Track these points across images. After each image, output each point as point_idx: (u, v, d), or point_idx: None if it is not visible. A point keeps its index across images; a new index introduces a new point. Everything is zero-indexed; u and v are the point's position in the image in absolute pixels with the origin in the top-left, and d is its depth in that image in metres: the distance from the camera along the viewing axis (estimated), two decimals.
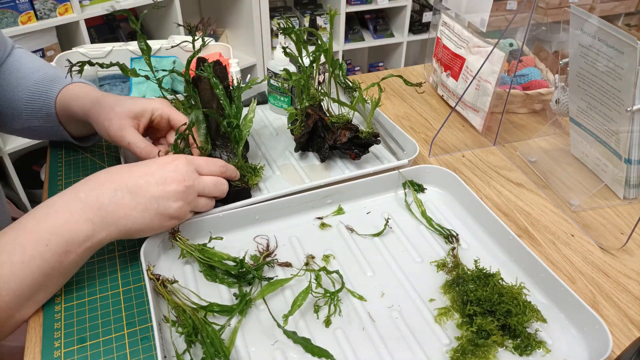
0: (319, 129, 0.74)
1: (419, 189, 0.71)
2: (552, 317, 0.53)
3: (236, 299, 0.53)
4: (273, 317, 0.51)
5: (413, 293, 0.56)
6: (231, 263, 0.56)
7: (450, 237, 0.63)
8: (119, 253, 0.61)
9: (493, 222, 0.62)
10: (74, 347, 0.50)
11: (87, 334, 0.51)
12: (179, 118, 0.65)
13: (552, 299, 0.55)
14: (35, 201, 1.75)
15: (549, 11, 0.92)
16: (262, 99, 0.92)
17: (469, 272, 0.57)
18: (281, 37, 0.81)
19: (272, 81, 0.84)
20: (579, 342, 0.51)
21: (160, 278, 0.52)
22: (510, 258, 0.60)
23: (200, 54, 1.15)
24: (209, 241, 0.58)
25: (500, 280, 0.54)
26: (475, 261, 0.59)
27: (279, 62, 0.82)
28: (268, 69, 0.85)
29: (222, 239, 0.59)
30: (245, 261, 0.56)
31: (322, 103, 0.75)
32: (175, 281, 0.52)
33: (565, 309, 0.53)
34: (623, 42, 0.59)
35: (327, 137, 0.73)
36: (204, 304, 0.52)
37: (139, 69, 0.68)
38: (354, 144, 0.73)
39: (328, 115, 0.74)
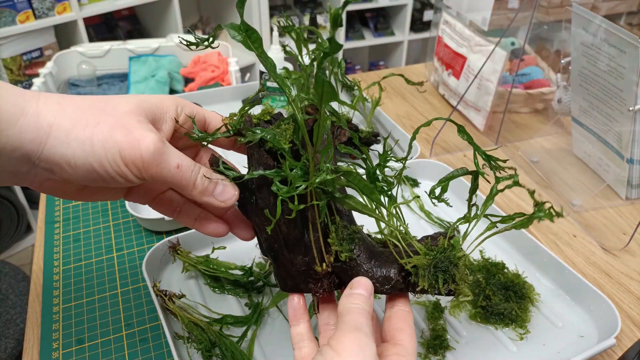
0: None
1: (414, 183, 0.71)
2: (559, 300, 0.54)
3: (249, 308, 0.52)
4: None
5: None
6: (239, 272, 0.55)
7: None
8: (117, 254, 0.60)
9: (490, 210, 0.62)
10: (72, 348, 0.49)
11: (85, 335, 0.51)
12: (215, 117, 0.39)
13: (558, 283, 0.56)
14: (33, 201, 1.74)
15: (551, 10, 0.92)
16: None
17: (475, 262, 0.58)
18: (275, 36, 0.80)
19: (268, 83, 0.84)
20: (588, 322, 0.52)
21: (168, 294, 0.50)
22: (512, 246, 0.61)
23: (199, 52, 1.15)
24: (212, 252, 0.57)
25: (505, 270, 0.56)
26: (481, 252, 0.60)
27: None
28: (262, 72, 0.84)
29: (225, 248, 0.58)
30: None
31: None
32: (183, 295, 0.51)
33: (571, 291, 0.54)
34: (625, 42, 0.59)
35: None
36: (216, 316, 0.51)
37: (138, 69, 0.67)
38: (353, 143, 0.73)
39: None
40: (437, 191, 0.39)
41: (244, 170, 0.37)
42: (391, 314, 0.37)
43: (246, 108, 0.36)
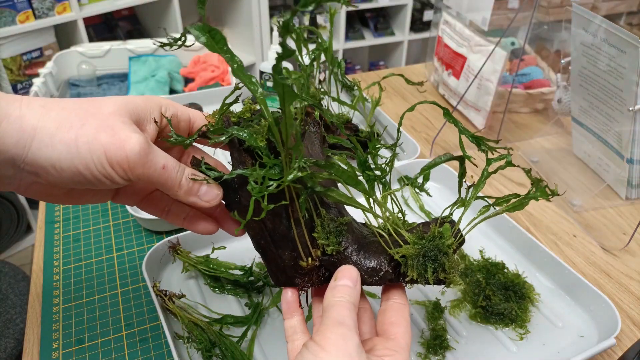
0: None
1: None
2: (559, 300, 0.55)
3: (249, 308, 0.52)
4: None
5: (424, 287, 0.56)
6: (239, 272, 0.55)
7: None
8: (117, 254, 0.60)
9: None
10: (72, 348, 0.49)
11: (85, 335, 0.51)
12: (200, 117, 0.39)
13: (558, 283, 0.56)
14: (33, 201, 1.75)
15: (551, 10, 0.92)
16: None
17: (475, 262, 0.58)
18: (275, 36, 0.80)
19: (268, 83, 0.83)
20: (588, 322, 0.52)
21: (168, 294, 0.50)
22: (512, 246, 0.61)
23: (199, 53, 1.15)
24: (212, 252, 0.57)
25: (505, 270, 0.56)
26: (481, 251, 0.60)
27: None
28: (262, 72, 0.83)
29: (225, 248, 0.57)
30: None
31: (322, 102, 0.75)
32: (183, 295, 0.51)
33: (571, 291, 0.54)
34: (625, 41, 0.59)
35: (327, 137, 0.72)
36: (215, 316, 0.51)
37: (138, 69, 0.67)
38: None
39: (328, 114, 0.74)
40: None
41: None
42: (386, 306, 0.36)
43: (224, 107, 0.36)
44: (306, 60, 0.73)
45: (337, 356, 0.30)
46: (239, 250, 0.59)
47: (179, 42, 0.34)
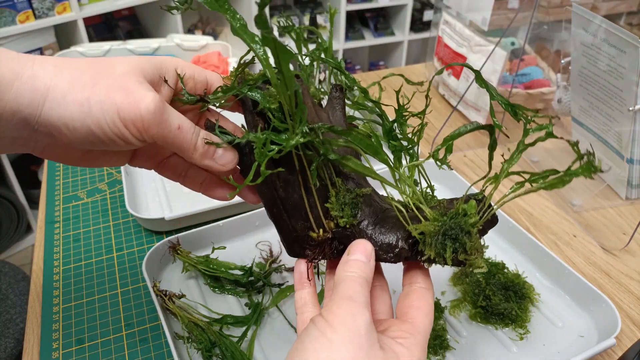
0: None
1: (414, 183, 0.71)
2: (559, 300, 0.55)
3: (249, 308, 0.52)
4: (291, 324, 0.51)
5: None
6: (239, 272, 0.55)
7: None
8: (117, 254, 0.60)
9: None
10: (72, 348, 0.49)
11: (85, 335, 0.51)
12: (218, 79, 0.38)
13: (558, 283, 0.56)
14: (33, 201, 1.75)
15: (551, 10, 0.92)
16: None
17: None
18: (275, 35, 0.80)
19: None
20: (588, 322, 0.52)
21: (168, 294, 0.50)
22: (512, 246, 0.61)
23: (199, 53, 1.15)
24: (212, 252, 0.57)
25: (505, 270, 0.56)
26: None
27: None
28: None
29: (225, 248, 0.57)
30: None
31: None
32: (183, 295, 0.51)
33: (571, 291, 0.55)
34: (625, 41, 0.59)
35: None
36: (215, 316, 0.51)
37: None
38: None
39: None
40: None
41: None
42: (409, 290, 0.35)
43: (240, 67, 0.34)
44: (306, 60, 0.73)
45: (344, 333, 0.28)
46: (239, 250, 0.60)
47: (185, 5, 0.32)
